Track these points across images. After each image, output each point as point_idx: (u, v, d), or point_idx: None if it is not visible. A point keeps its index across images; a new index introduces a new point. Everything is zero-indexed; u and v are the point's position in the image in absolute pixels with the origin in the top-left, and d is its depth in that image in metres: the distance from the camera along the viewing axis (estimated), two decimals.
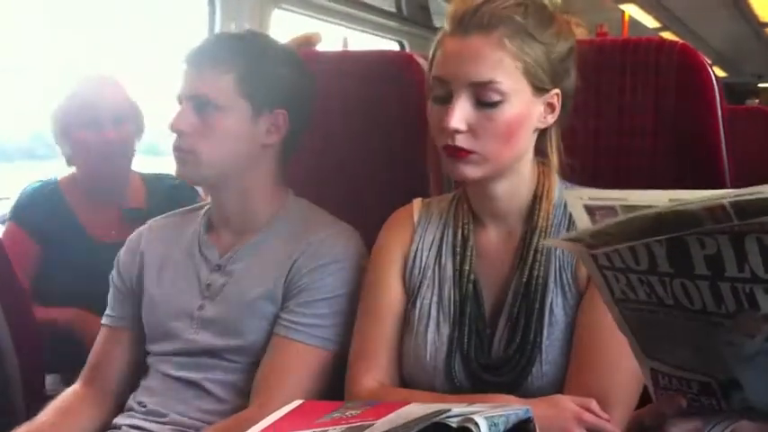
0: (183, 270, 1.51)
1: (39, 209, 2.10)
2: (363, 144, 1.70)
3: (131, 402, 1.50)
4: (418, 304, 1.30)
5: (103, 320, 1.58)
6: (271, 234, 1.47)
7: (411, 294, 1.31)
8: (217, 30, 3.21)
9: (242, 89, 1.41)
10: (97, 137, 2.04)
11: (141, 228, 1.61)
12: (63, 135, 2.09)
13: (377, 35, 4.49)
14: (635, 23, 7.45)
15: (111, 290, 1.59)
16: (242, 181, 1.46)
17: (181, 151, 1.43)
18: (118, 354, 1.56)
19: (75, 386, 1.56)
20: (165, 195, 2.10)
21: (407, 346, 1.29)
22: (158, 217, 1.62)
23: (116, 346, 1.56)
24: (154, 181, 2.18)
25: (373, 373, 1.29)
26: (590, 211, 0.73)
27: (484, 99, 1.18)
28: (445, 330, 1.27)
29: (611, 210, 0.72)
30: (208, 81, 1.41)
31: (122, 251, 1.60)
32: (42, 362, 1.90)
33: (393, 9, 4.66)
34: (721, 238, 0.64)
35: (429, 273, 1.31)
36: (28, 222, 2.09)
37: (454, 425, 0.83)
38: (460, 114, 1.18)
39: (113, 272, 1.60)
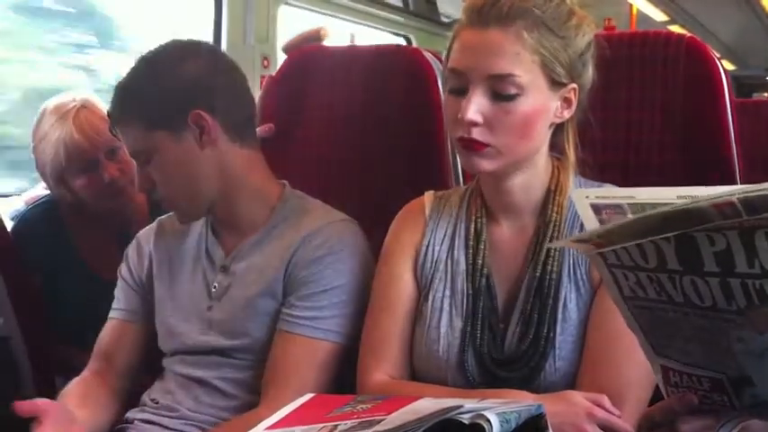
0: (191, 272, 1.52)
1: (37, 240, 1.99)
2: (371, 138, 1.70)
3: (145, 398, 1.51)
4: (431, 298, 1.30)
5: (112, 314, 1.58)
6: (270, 230, 1.47)
7: (423, 288, 1.31)
8: (223, 29, 3.21)
9: (151, 126, 1.40)
10: (99, 179, 1.91)
11: (151, 225, 1.61)
12: (58, 183, 1.95)
13: (383, 30, 4.49)
14: (643, 17, 7.42)
15: (119, 283, 1.59)
16: (226, 193, 1.46)
17: (162, 202, 1.48)
18: (126, 347, 1.56)
19: (85, 378, 1.54)
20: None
21: (419, 339, 1.29)
22: (166, 215, 1.62)
23: (124, 340, 1.56)
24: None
25: (384, 366, 1.29)
26: (596, 209, 0.73)
27: (501, 92, 1.17)
28: (458, 324, 1.27)
29: (618, 208, 0.71)
30: (127, 139, 1.44)
31: (132, 246, 1.61)
32: (53, 356, 1.90)
33: (400, 4, 4.66)
34: (731, 235, 0.64)
35: (441, 266, 1.31)
36: (27, 255, 1.97)
37: (466, 421, 0.83)
38: (477, 107, 1.17)
39: (122, 265, 1.60)
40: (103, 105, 1.93)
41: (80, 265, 2.01)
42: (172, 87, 1.41)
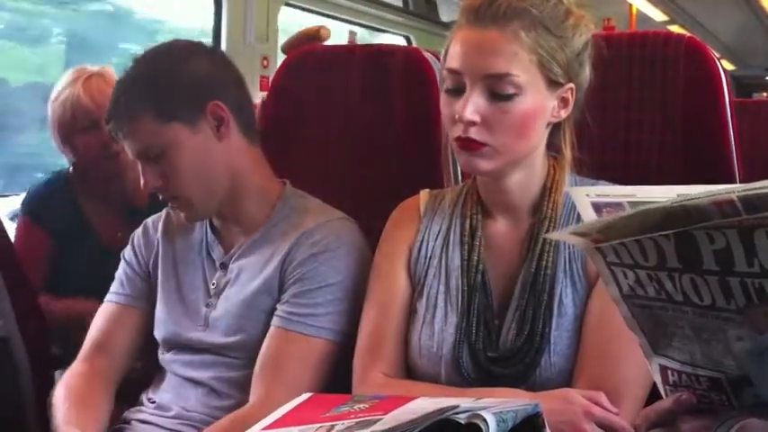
0: (193, 269, 1.52)
1: (50, 206, 2.10)
2: (370, 138, 1.70)
3: (143, 398, 1.51)
4: (425, 294, 1.30)
5: (112, 298, 1.55)
6: (270, 229, 1.47)
7: (417, 284, 1.31)
8: (223, 30, 3.21)
9: (166, 119, 1.39)
10: (99, 140, 1.99)
11: (159, 214, 1.60)
12: (65, 142, 2.06)
13: (384, 30, 4.50)
14: (642, 17, 7.41)
15: (122, 267, 1.57)
16: (233, 191, 1.46)
17: (172, 201, 1.46)
18: (126, 333, 1.54)
19: (82, 374, 1.51)
20: None
21: (414, 336, 1.29)
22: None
23: (125, 325, 1.54)
24: None
25: (380, 365, 1.29)
26: (597, 207, 0.73)
27: (498, 91, 1.17)
28: (453, 320, 1.26)
29: (618, 206, 0.71)
30: (136, 135, 1.40)
31: (139, 232, 1.59)
32: (50, 351, 1.91)
33: (400, 4, 4.67)
34: (730, 233, 0.64)
35: (435, 262, 1.31)
36: (40, 218, 2.09)
37: (462, 421, 0.82)
38: (474, 106, 1.18)
39: (127, 249, 1.59)
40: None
41: (93, 236, 2.09)
42: (187, 79, 1.41)
